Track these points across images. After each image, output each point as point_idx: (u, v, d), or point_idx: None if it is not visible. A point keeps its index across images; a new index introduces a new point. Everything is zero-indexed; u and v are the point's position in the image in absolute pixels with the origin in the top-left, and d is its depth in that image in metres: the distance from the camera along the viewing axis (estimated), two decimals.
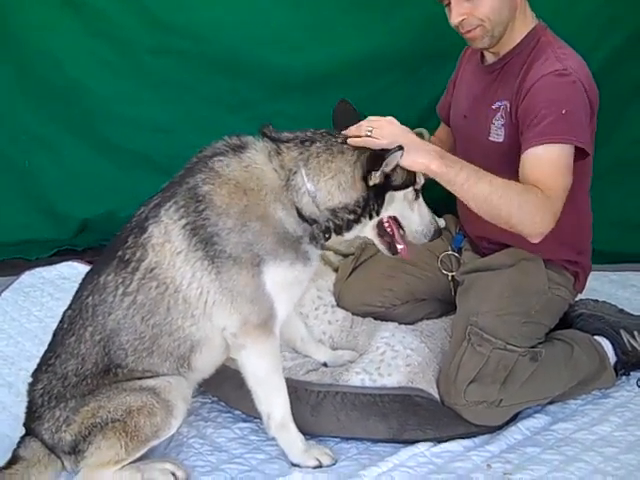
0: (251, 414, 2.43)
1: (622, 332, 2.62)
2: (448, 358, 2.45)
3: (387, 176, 2.12)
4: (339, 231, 2.18)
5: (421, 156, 2.12)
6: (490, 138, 2.45)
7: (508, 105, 2.40)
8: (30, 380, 2.18)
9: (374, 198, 2.14)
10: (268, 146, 2.15)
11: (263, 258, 2.09)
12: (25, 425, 2.18)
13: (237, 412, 2.51)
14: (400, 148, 2.05)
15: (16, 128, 3.76)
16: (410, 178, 2.17)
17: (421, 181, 2.21)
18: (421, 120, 3.64)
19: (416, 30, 3.55)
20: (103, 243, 3.74)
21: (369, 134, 2.11)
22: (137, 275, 2.09)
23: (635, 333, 2.62)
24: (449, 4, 2.35)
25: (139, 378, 2.12)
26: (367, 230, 2.22)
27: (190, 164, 2.19)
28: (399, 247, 2.26)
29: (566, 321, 2.67)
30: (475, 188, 2.16)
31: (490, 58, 2.50)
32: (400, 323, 2.66)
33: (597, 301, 2.75)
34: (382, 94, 3.65)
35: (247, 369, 2.20)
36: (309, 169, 2.11)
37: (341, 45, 3.58)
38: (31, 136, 3.79)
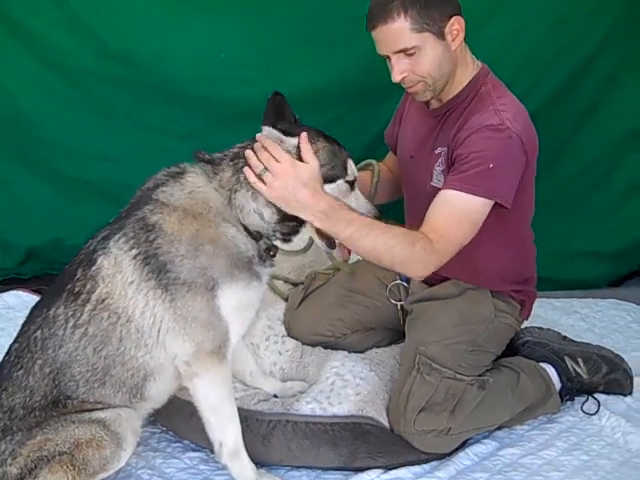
0: (201, 444, 2.41)
1: (566, 359, 2.67)
2: (398, 387, 2.46)
3: None
4: (287, 238, 2.22)
5: (305, 215, 2.15)
6: (432, 183, 2.46)
7: (446, 151, 2.41)
8: None
9: None
10: (205, 168, 2.17)
11: (217, 282, 2.09)
12: None
13: (186, 442, 2.49)
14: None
15: None
16: (336, 172, 2.20)
17: (353, 174, 2.25)
18: (370, 150, 3.69)
19: (363, 62, 3.58)
20: (49, 272, 3.70)
21: (262, 176, 2.11)
22: (88, 307, 2.08)
23: (579, 360, 2.68)
24: (389, 59, 2.35)
25: (89, 410, 2.09)
26: (309, 228, 2.24)
27: (135, 198, 2.20)
28: (337, 241, 2.27)
29: (512, 348, 2.71)
30: (359, 243, 2.20)
31: (434, 103, 2.51)
32: (350, 352, 2.67)
33: (542, 328, 2.80)
34: (331, 125, 3.61)
35: (200, 397, 2.18)
36: (249, 189, 2.14)
37: (291, 77, 3.58)
38: None
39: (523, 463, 2.38)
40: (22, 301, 3.46)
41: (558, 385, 2.65)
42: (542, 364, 2.66)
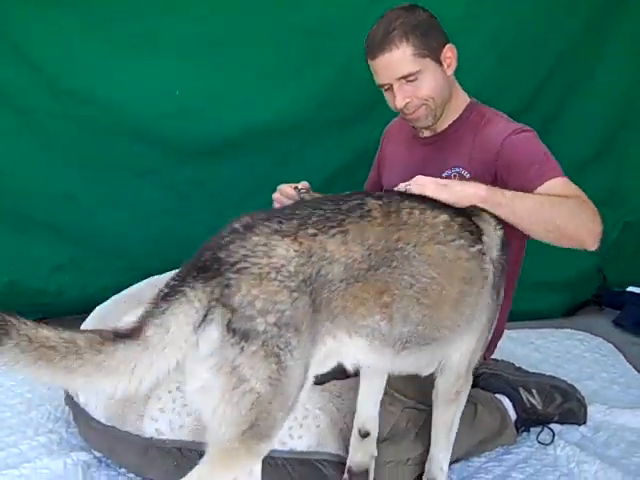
0: None
1: (520, 390, 2.69)
2: None
3: None
4: None
5: (469, 187, 2.15)
6: None
7: (464, 171, 2.45)
8: None
9: None
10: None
11: None
12: None
13: None
14: None
15: None
16: None
17: None
18: (327, 184, 3.73)
19: (320, 97, 3.62)
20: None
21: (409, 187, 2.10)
22: None
23: (533, 391, 2.70)
24: (389, 89, 2.42)
25: None
26: None
27: None
28: None
29: None
30: (523, 204, 2.16)
31: (426, 132, 2.58)
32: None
33: (497, 360, 2.83)
34: (289, 158, 3.69)
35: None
36: None
37: (247, 112, 3.59)
38: None
39: None
40: None
41: (513, 416, 2.67)
42: (498, 395, 2.68)
